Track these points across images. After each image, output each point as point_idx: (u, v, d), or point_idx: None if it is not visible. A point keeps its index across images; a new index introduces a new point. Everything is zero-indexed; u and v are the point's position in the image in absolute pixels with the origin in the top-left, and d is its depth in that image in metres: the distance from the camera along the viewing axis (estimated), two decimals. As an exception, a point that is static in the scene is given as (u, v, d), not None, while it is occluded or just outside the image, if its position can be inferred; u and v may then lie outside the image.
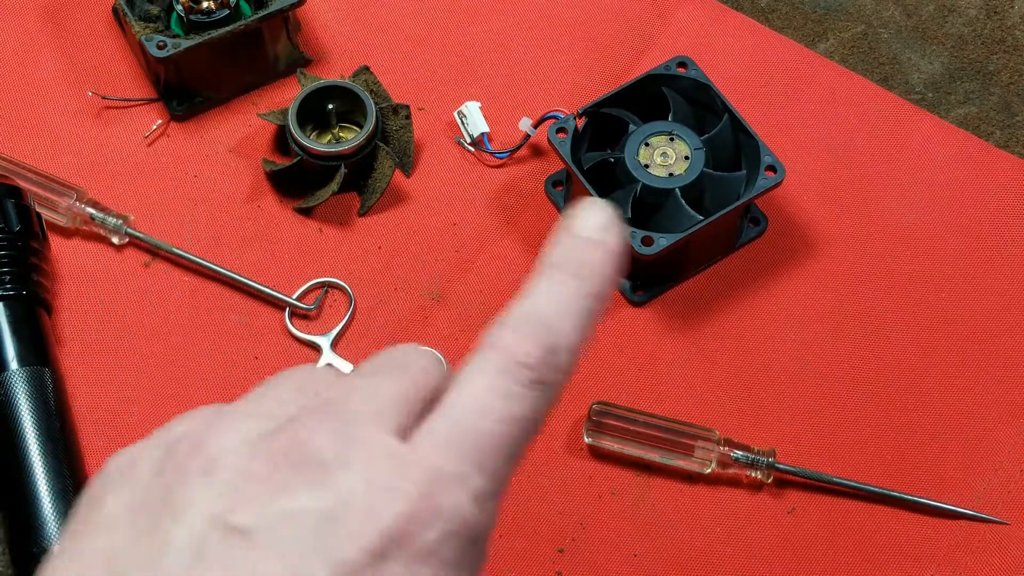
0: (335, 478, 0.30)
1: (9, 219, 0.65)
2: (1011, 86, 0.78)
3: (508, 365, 0.33)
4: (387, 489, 0.30)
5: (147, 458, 0.33)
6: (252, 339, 0.68)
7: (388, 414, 0.33)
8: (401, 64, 0.78)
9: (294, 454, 0.31)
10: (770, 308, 0.70)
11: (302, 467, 0.31)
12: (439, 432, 0.32)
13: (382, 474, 0.31)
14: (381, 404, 0.33)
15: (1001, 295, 0.71)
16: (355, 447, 0.31)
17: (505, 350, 0.33)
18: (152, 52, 0.70)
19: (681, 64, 0.71)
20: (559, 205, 0.73)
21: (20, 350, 0.63)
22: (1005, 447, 0.66)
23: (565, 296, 0.34)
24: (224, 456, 0.31)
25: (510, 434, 0.32)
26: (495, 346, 0.34)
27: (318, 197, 0.71)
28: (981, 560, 0.63)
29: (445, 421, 0.33)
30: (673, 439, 0.64)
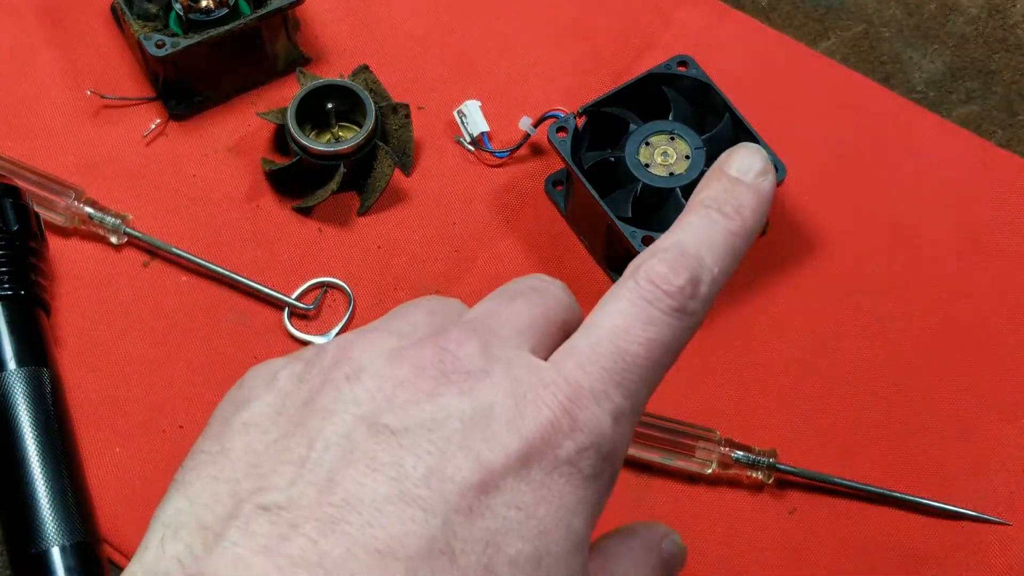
0: (479, 387, 0.31)
1: (7, 219, 0.64)
2: (1013, 85, 0.78)
3: (652, 291, 0.34)
4: (530, 399, 0.31)
5: (288, 370, 0.34)
6: (251, 339, 0.68)
7: (527, 334, 0.34)
8: (401, 63, 0.77)
9: (439, 363, 0.32)
10: (770, 308, 0.70)
11: (447, 375, 0.32)
12: (580, 350, 0.33)
13: (524, 386, 0.32)
14: (520, 324, 0.34)
15: (1002, 295, 0.70)
16: (497, 361, 0.32)
17: (650, 277, 0.34)
18: (151, 51, 0.70)
19: (682, 63, 0.71)
20: (559, 205, 0.73)
21: (18, 350, 0.62)
22: (1007, 447, 0.66)
23: (714, 232, 0.35)
24: (370, 364, 0.32)
25: (649, 357, 0.33)
26: (640, 272, 0.34)
27: (317, 197, 0.71)
28: (983, 561, 0.63)
29: (586, 340, 0.33)
30: (673, 439, 0.64)
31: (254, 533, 0.29)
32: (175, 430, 0.65)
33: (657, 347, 0.34)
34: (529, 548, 0.30)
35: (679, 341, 0.35)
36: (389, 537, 0.29)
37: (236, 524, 0.30)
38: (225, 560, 0.29)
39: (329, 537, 0.29)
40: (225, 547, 0.29)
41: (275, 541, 0.29)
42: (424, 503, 0.29)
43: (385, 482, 0.30)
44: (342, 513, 0.29)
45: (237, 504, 0.30)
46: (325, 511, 0.29)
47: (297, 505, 0.30)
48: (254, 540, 0.29)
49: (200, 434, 0.34)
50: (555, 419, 0.31)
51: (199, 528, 0.30)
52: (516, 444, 0.31)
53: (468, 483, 0.30)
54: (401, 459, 0.30)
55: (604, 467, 0.33)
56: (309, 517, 0.29)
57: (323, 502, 0.29)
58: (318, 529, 0.29)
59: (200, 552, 0.29)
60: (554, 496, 0.31)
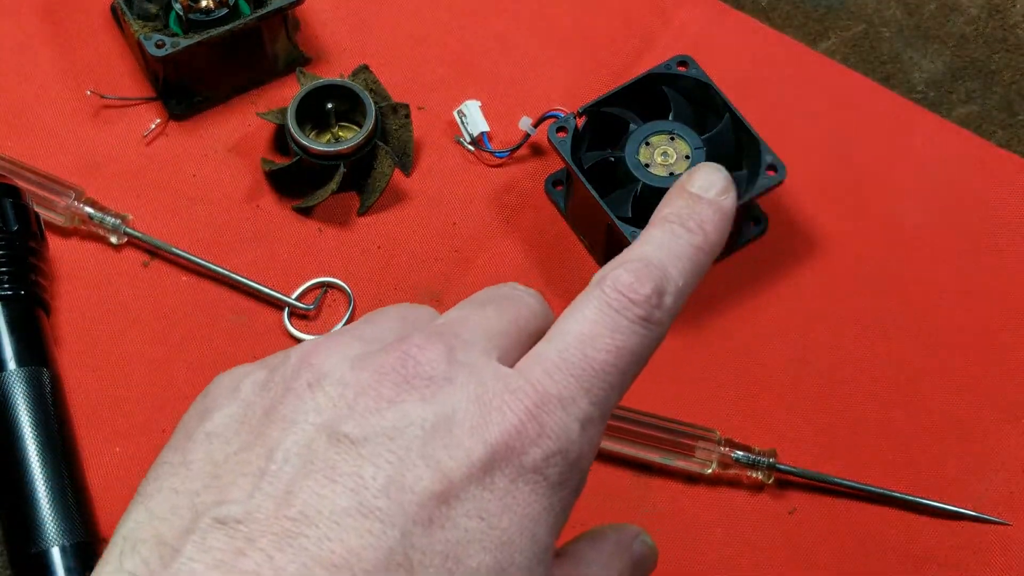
0: (442, 393, 0.31)
1: (7, 219, 0.64)
2: (1013, 85, 0.78)
3: (618, 300, 0.34)
4: (495, 405, 0.31)
5: (251, 378, 0.34)
6: (251, 339, 0.68)
7: (495, 340, 0.34)
8: (401, 63, 0.77)
9: (402, 369, 0.31)
10: (770, 308, 0.70)
11: (409, 381, 0.31)
12: (547, 356, 0.33)
13: (490, 391, 0.31)
14: (489, 331, 0.34)
15: (1003, 295, 0.70)
16: (462, 366, 0.32)
17: (616, 286, 0.34)
18: (151, 51, 0.70)
19: (682, 63, 0.70)
20: (559, 205, 0.73)
21: (18, 350, 0.62)
22: (1007, 447, 0.66)
23: (678, 246, 0.36)
24: (332, 371, 0.32)
25: (617, 365, 0.33)
26: (606, 282, 0.34)
27: (317, 196, 0.71)
28: (983, 561, 0.63)
29: (553, 346, 0.34)
30: (673, 439, 0.64)
31: (210, 548, 0.29)
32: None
33: (625, 355, 0.34)
34: (491, 560, 0.30)
35: (645, 350, 0.35)
36: (346, 551, 0.29)
37: (193, 539, 0.29)
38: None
39: (286, 552, 0.29)
40: (181, 563, 0.29)
41: (231, 556, 0.29)
42: (382, 514, 0.29)
43: (344, 493, 0.29)
44: (299, 527, 0.29)
45: (195, 517, 0.30)
46: (282, 525, 0.29)
47: (254, 519, 0.29)
48: (210, 555, 0.29)
49: (165, 444, 0.34)
50: (521, 425, 0.31)
51: (157, 543, 0.30)
52: (479, 451, 0.30)
53: (428, 493, 0.30)
54: (360, 469, 0.30)
55: (571, 474, 0.32)
56: (266, 531, 0.29)
57: (280, 515, 0.29)
58: (274, 544, 0.29)
59: (157, 567, 0.29)
60: (519, 505, 0.31)
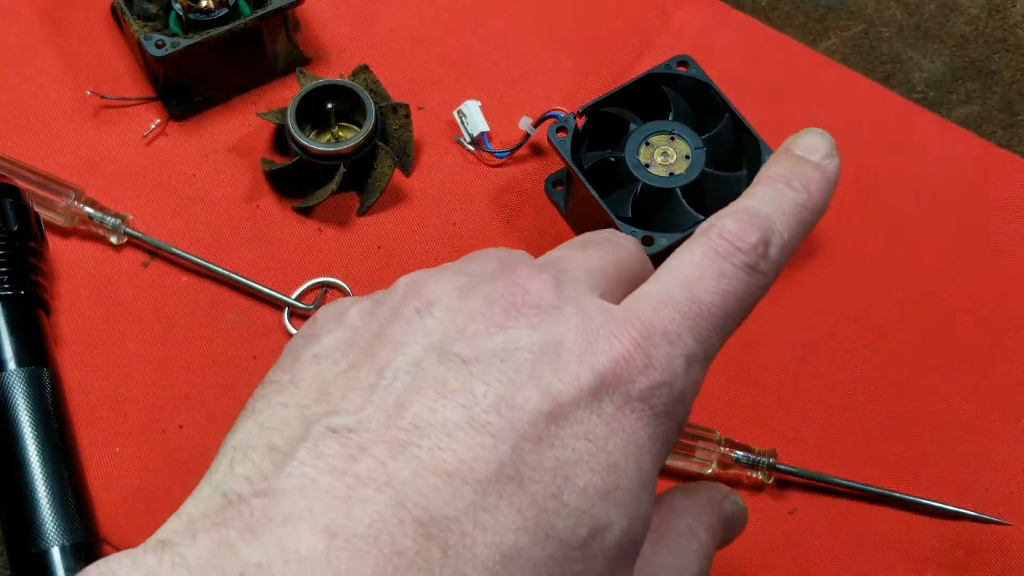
0: (550, 321, 0.31)
1: (7, 219, 0.64)
2: (1013, 85, 0.78)
3: (724, 247, 0.34)
4: (602, 335, 0.31)
5: (359, 306, 0.34)
6: (251, 339, 0.68)
7: (598, 278, 0.34)
8: (401, 63, 0.77)
9: (511, 297, 0.32)
10: (770, 308, 0.70)
11: (518, 308, 0.32)
12: (654, 294, 0.33)
13: (596, 322, 0.32)
14: (592, 269, 0.34)
15: (1002, 295, 0.70)
16: (569, 298, 0.32)
17: (722, 233, 0.35)
18: (151, 51, 0.70)
19: (681, 63, 0.70)
20: (559, 205, 0.73)
21: (18, 350, 0.62)
22: (1007, 447, 0.66)
23: (783, 202, 0.36)
24: (441, 299, 0.33)
25: (723, 307, 0.34)
26: (712, 230, 0.35)
27: (317, 197, 0.71)
28: (983, 561, 0.63)
29: (660, 285, 0.34)
30: (673, 439, 0.64)
31: (323, 454, 0.29)
32: (175, 430, 0.65)
33: (731, 299, 0.34)
34: (598, 480, 0.30)
35: (751, 297, 0.35)
36: (458, 461, 0.29)
37: (305, 445, 0.30)
38: (294, 479, 0.29)
39: (398, 459, 0.29)
40: (294, 467, 0.29)
41: (344, 462, 0.29)
42: (493, 429, 0.29)
43: (455, 408, 0.30)
44: (411, 437, 0.29)
45: (306, 427, 0.30)
46: (393, 434, 0.30)
47: (366, 428, 0.30)
48: (323, 460, 0.29)
49: (269, 369, 0.34)
50: (628, 355, 0.31)
51: (268, 450, 0.30)
52: (588, 376, 0.31)
53: (538, 412, 0.30)
54: (471, 386, 0.30)
55: (675, 407, 0.32)
56: (378, 440, 0.29)
57: (392, 426, 0.30)
58: (387, 451, 0.29)
59: (269, 471, 0.30)
60: (625, 431, 0.31)
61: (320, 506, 0.28)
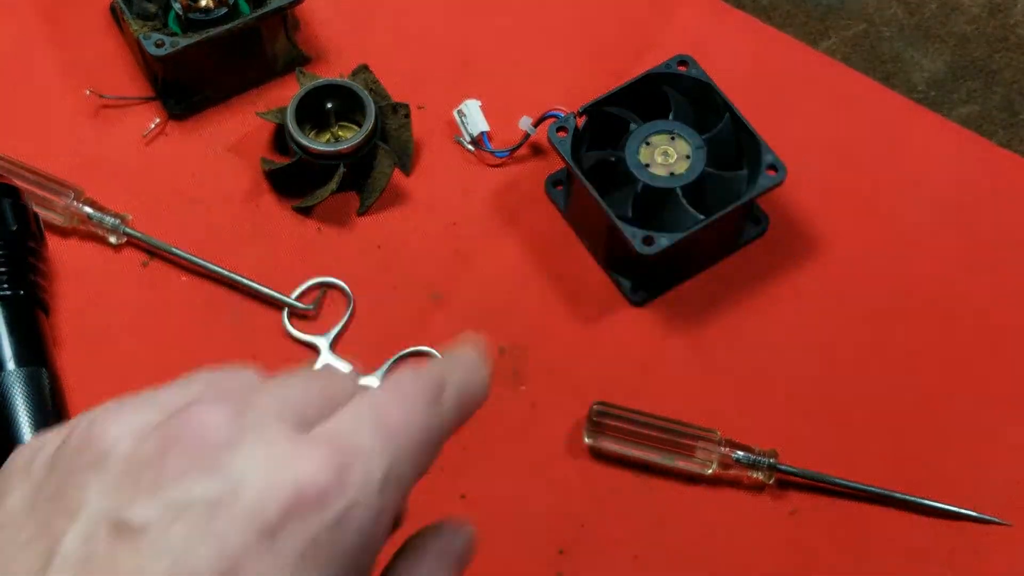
0: (229, 459, 0.30)
1: (6, 219, 0.64)
2: (1014, 85, 0.78)
3: (405, 384, 0.34)
4: (287, 461, 0.30)
5: (45, 452, 0.32)
6: (250, 339, 0.68)
7: (294, 407, 0.33)
8: (400, 63, 0.77)
9: (185, 439, 0.30)
10: (771, 308, 0.70)
11: (193, 451, 0.30)
12: (344, 419, 0.32)
13: (281, 449, 0.30)
14: (288, 398, 0.33)
15: (1003, 295, 0.70)
16: (249, 430, 0.31)
17: (402, 375, 0.35)
18: (150, 50, 0.70)
19: (682, 63, 0.70)
20: (559, 205, 0.73)
21: (17, 350, 0.62)
22: (1008, 448, 0.66)
23: (458, 363, 0.37)
24: (115, 446, 0.31)
25: (409, 434, 0.33)
26: (395, 374, 0.35)
27: (317, 196, 0.71)
28: (983, 562, 0.63)
29: (350, 411, 0.33)
30: (674, 440, 0.63)
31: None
32: (174, 430, 0.65)
33: (416, 427, 0.33)
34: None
35: (436, 429, 0.35)
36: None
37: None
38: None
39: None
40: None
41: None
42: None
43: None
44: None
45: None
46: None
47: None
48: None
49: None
50: (319, 477, 0.30)
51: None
52: (270, 515, 0.29)
53: (214, 574, 0.29)
54: (142, 565, 0.29)
55: (372, 529, 0.31)
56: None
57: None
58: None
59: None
60: (318, 559, 0.30)
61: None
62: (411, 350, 0.68)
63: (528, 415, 0.66)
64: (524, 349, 0.68)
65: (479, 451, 0.65)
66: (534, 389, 0.67)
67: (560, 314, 0.69)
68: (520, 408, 0.67)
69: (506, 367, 0.68)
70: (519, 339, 0.68)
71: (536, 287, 0.70)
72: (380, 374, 0.67)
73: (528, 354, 0.68)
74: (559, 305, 0.70)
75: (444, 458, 0.67)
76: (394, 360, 0.68)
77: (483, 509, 0.64)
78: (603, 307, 0.70)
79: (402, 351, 0.68)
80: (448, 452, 0.68)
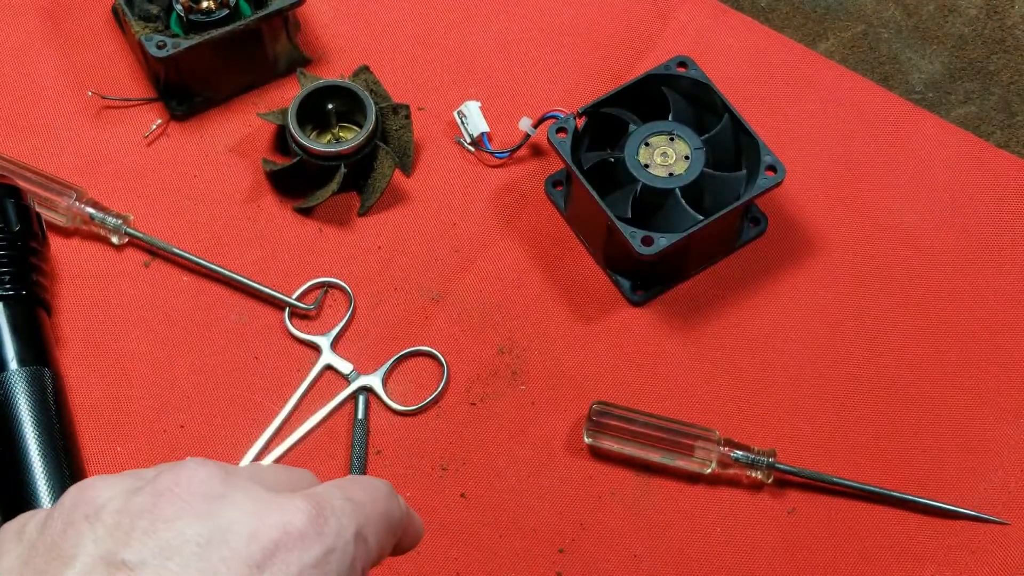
0: (219, 506, 0.32)
1: (9, 219, 0.64)
2: (1011, 86, 0.78)
3: (367, 479, 0.38)
4: (274, 509, 0.32)
5: (35, 519, 0.34)
6: (252, 339, 0.68)
7: (265, 478, 0.35)
8: (401, 64, 0.78)
9: (176, 488, 0.32)
10: (770, 308, 0.70)
11: (185, 499, 0.32)
12: (317, 488, 0.35)
13: (266, 501, 0.33)
14: (260, 471, 0.36)
15: (1001, 295, 0.71)
16: (236, 487, 0.33)
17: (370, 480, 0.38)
18: (152, 52, 0.70)
19: (681, 64, 0.71)
20: (559, 205, 0.73)
21: (20, 350, 0.63)
22: (1005, 447, 0.66)
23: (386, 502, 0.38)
24: (109, 501, 0.33)
25: (380, 510, 0.36)
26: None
27: (318, 197, 0.71)
28: (981, 560, 0.63)
29: (321, 486, 0.36)
30: (673, 439, 0.64)
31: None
32: (176, 429, 0.65)
33: (382, 508, 0.36)
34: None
35: (393, 521, 0.37)
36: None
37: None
38: None
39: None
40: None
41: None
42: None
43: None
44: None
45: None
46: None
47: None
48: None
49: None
50: (300, 523, 0.32)
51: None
52: (257, 553, 0.32)
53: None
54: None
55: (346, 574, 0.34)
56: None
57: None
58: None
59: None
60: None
61: None
62: (411, 350, 0.68)
63: (528, 415, 0.67)
64: (524, 349, 0.68)
65: (479, 451, 0.66)
66: (534, 389, 0.67)
67: (560, 314, 0.70)
68: (520, 408, 0.67)
69: (506, 367, 0.68)
70: (519, 339, 0.69)
71: (536, 287, 0.71)
72: (380, 374, 0.67)
73: (528, 354, 0.68)
74: (559, 305, 0.70)
75: (444, 458, 0.68)
76: (394, 360, 0.68)
77: (483, 509, 0.64)
78: (603, 307, 0.70)
79: (402, 351, 0.68)
80: (448, 452, 0.68)
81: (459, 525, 0.64)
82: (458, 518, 0.64)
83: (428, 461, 0.65)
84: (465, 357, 0.68)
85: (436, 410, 0.67)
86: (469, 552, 0.63)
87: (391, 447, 0.66)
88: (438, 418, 0.67)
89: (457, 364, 0.68)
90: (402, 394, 0.67)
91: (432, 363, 0.68)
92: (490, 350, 0.68)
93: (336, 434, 0.66)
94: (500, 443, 0.66)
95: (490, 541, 0.63)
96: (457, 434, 0.66)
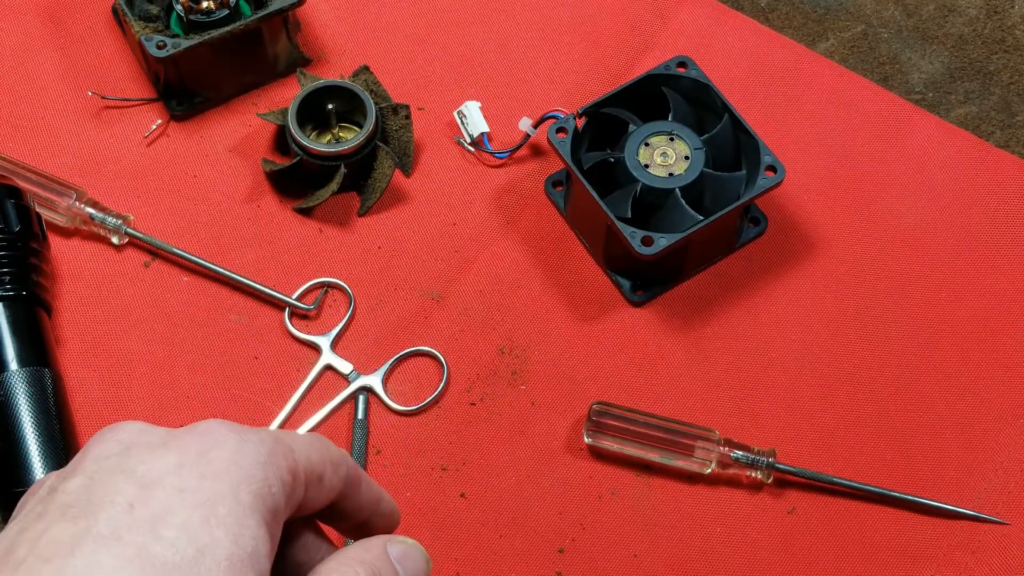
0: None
1: (9, 219, 0.65)
2: (1011, 86, 0.78)
3: None
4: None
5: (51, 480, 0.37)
6: (252, 339, 0.68)
7: None
8: (401, 64, 0.78)
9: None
10: (770, 308, 0.70)
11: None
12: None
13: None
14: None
15: (1001, 295, 0.71)
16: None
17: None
18: (152, 52, 0.70)
19: (681, 64, 0.71)
20: (559, 205, 0.73)
21: (20, 350, 0.63)
22: (1005, 447, 0.66)
23: None
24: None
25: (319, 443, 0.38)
26: None
27: (318, 197, 0.71)
28: (981, 560, 0.63)
29: None
30: (673, 439, 0.64)
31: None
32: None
33: None
34: (196, 515, 0.34)
35: None
36: None
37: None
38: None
39: None
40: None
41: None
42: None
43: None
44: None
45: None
46: None
47: None
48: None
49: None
50: None
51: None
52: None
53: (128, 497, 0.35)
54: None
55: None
56: None
57: None
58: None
59: None
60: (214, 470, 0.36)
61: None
62: (411, 350, 0.68)
63: (528, 414, 0.67)
64: (524, 349, 0.68)
65: (479, 451, 0.66)
66: (534, 389, 0.67)
67: (560, 314, 0.70)
68: (520, 408, 0.67)
69: (506, 367, 0.68)
70: (519, 339, 0.69)
71: (536, 287, 0.71)
72: (380, 374, 0.67)
73: (528, 354, 0.68)
74: (559, 305, 0.70)
75: (444, 458, 0.67)
76: (394, 360, 0.68)
77: (483, 509, 0.64)
78: (603, 307, 0.70)
79: (402, 351, 0.68)
80: (448, 452, 0.68)
81: (459, 525, 0.64)
82: (458, 518, 0.64)
83: (428, 461, 0.65)
84: (465, 357, 0.68)
85: (436, 410, 0.67)
86: (469, 552, 0.63)
87: (391, 447, 0.66)
88: (438, 418, 0.67)
89: (457, 364, 0.68)
90: (402, 394, 0.67)
91: (432, 363, 0.68)
92: (490, 350, 0.68)
93: (336, 434, 0.66)
94: (500, 443, 0.66)
95: (490, 541, 0.63)
96: (457, 434, 0.66)
